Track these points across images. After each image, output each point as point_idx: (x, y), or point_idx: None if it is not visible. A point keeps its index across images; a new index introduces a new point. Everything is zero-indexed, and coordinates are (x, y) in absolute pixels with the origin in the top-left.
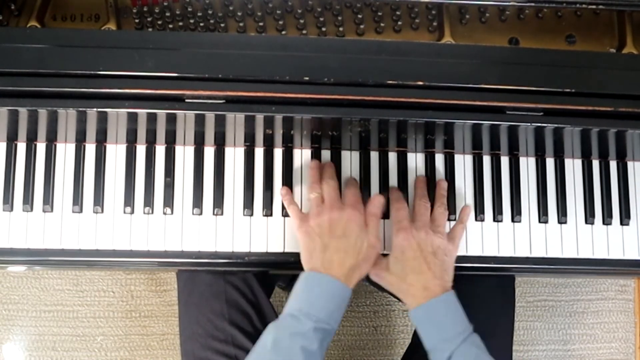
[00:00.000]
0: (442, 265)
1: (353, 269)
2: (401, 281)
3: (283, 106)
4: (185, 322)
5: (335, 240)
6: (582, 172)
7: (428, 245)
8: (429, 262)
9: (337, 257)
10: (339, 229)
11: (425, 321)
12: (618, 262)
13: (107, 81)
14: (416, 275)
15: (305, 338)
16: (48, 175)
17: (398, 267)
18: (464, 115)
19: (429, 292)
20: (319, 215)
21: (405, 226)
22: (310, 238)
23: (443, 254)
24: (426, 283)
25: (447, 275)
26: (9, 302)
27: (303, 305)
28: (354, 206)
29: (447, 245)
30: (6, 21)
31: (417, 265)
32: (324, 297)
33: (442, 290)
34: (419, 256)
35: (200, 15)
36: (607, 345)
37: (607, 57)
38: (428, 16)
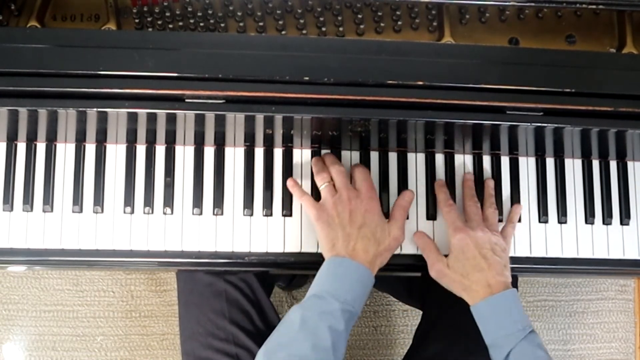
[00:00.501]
0: (501, 261)
1: (376, 257)
2: (464, 279)
3: (283, 106)
4: (185, 322)
5: (356, 230)
6: (582, 172)
7: (486, 243)
8: (488, 260)
9: (360, 245)
10: (359, 218)
11: (487, 316)
12: (618, 262)
13: (107, 81)
14: (478, 272)
15: (333, 317)
16: (48, 175)
17: (459, 265)
18: (464, 115)
19: (492, 288)
20: (338, 204)
21: (460, 226)
22: (331, 228)
23: (501, 251)
24: (489, 280)
25: (507, 271)
26: (9, 302)
27: (330, 287)
28: (370, 195)
29: (503, 243)
30: (6, 21)
31: (477, 263)
32: (349, 280)
33: (504, 286)
34: (477, 254)
35: (200, 15)
36: (607, 345)
37: (607, 57)
38: (428, 16)
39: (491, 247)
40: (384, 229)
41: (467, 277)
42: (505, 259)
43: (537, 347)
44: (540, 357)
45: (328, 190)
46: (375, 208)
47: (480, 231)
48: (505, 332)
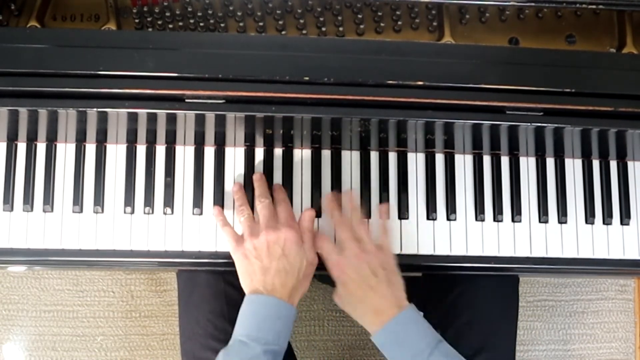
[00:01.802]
0: (386, 281)
1: (295, 289)
2: (354, 311)
3: (283, 106)
4: (185, 322)
5: (275, 262)
6: (582, 172)
7: (364, 269)
8: (372, 286)
9: (278, 279)
10: (277, 249)
11: (388, 345)
12: (618, 262)
13: (107, 81)
14: (363, 304)
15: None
16: (48, 175)
17: (347, 300)
18: (464, 115)
19: (384, 315)
20: (255, 236)
21: (335, 260)
22: (248, 261)
23: (381, 269)
24: (376, 307)
25: (396, 290)
26: (9, 302)
27: (251, 330)
28: (289, 224)
29: (382, 257)
30: (6, 21)
31: (362, 294)
32: (270, 319)
33: (396, 308)
34: (360, 283)
35: (200, 15)
36: (607, 345)
37: (607, 57)
38: (428, 16)
39: (371, 269)
40: (302, 257)
41: (356, 310)
42: (389, 274)
43: (448, 357)
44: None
45: (247, 222)
46: (294, 237)
47: (355, 258)
48: (410, 353)
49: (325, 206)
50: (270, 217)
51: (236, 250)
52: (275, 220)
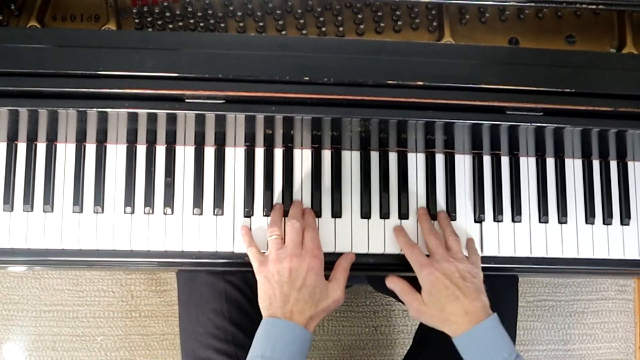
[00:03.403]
0: (475, 287)
1: (312, 318)
2: (440, 312)
3: (283, 106)
4: (185, 322)
5: (295, 292)
6: (583, 172)
7: (454, 272)
8: (461, 288)
9: (296, 308)
10: (299, 279)
11: (471, 348)
12: (618, 262)
13: (107, 81)
14: (453, 302)
15: None
16: (48, 175)
17: (433, 299)
18: (464, 115)
19: (472, 316)
20: (279, 261)
21: (425, 262)
22: (269, 284)
23: (471, 277)
24: (466, 308)
25: (483, 296)
26: (9, 302)
27: (265, 351)
28: (314, 254)
29: (473, 268)
30: (6, 21)
31: (451, 293)
32: (284, 341)
33: (484, 312)
34: (449, 285)
35: (200, 15)
36: (607, 345)
37: (607, 57)
38: (428, 16)
39: (460, 274)
40: (324, 291)
41: (444, 310)
42: (477, 284)
43: None
44: None
45: (274, 244)
46: (318, 268)
47: (446, 262)
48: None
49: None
50: (297, 242)
51: (259, 272)
52: (301, 247)
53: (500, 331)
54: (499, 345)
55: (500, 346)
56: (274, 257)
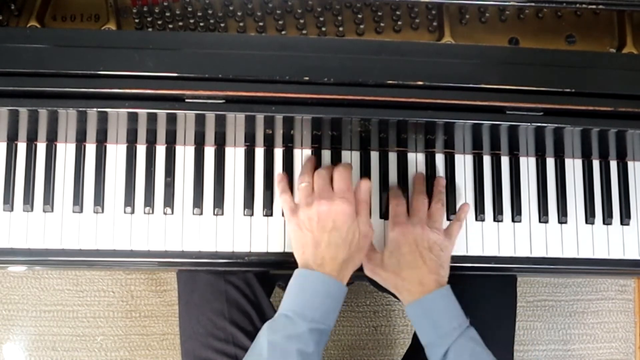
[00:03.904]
0: (438, 260)
1: (346, 262)
2: (396, 276)
3: (283, 106)
4: (185, 322)
5: (326, 235)
6: (583, 172)
7: (424, 241)
8: (424, 257)
9: (328, 252)
10: (329, 221)
11: (421, 316)
12: (618, 262)
13: (107, 81)
14: (411, 270)
15: (301, 340)
16: (48, 175)
17: (393, 261)
18: (464, 115)
19: (425, 287)
20: (308, 206)
21: (401, 221)
22: (300, 232)
23: (439, 250)
24: (422, 278)
25: (442, 270)
26: (9, 302)
27: (297, 306)
28: (344, 196)
29: (444, 241)
30: (6, 21)
31: (412, 260)
32: (318, 297)
33: (437, 285)
34: (414, 250)
35: (200, 15)
36: (607, 345)
37: (607, 57)
38: (428, 16)
39: (429, 245)
40: (354, 230)
41: (399, 274)
42: (443, 258)
43: (475, 342)
44: (478, 353)
45: (304, 191)
46: (348, 209)
47: (420, 228)
48: (441, 332)
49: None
50: (325, 187)
51: (290, 220)
52: (330, 191)
53: (451, 302)
54: (449, 315)
55: (451, 316)
56: (304, 203)
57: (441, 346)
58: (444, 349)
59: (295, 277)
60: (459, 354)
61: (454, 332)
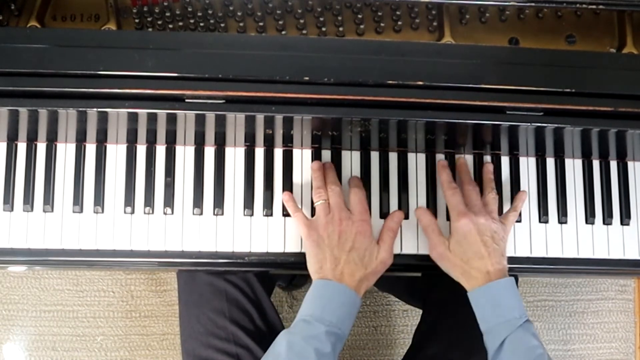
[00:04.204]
0: (500, 249)
1: (362, 281)
2: (464, 264)
3: (283, 106)
4: (186, 321)
5: (345, 254)
6: (583, 172)
7: (487, 230)
8: (488, 247)
9: (347, 269)
10: (349, 241)
11: (484, 303)
12: (618, 262)
13: (107, 81)
14: (478, 259)
15: (319, 340)
16: (48, 175)
17: (460, 250)
18: (464, 115)
19: (490, 275)
20: (328, 225)
21: (464, 211)
22: (320, 249)
23: (500, 239)
24: (488, 267)
25: (504, 259)
26: (9, 302)
27: (315, 311)
28: (363, 217)
29: (501, 230)
30: (6, 21)
31: (478, 250)
32: (335, 303)
33: (502, 274)
34: (478, 241)
35: (200, 15)
36: (607, 345)
37: (607, 57)
38: (428, 16)
39: (491, 234)
40: (372, 253)
41: (468, 263)
42: (503, 247)
43: (532, 335)
44: (534, 347)
45: (322, 209)
46: (367, 231)
47: (483, 218)
48: (502, 320)
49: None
50: (342, 206)
51: (308, 237)
52: (347, 211)
53: (514, 293)
54: (511, 305)
55: (513, 306)
56: (322, 222)
57: (500, 334)
58: (503, 337)
59: (314, 287)
60: (516, 344)
61: (514, 321)
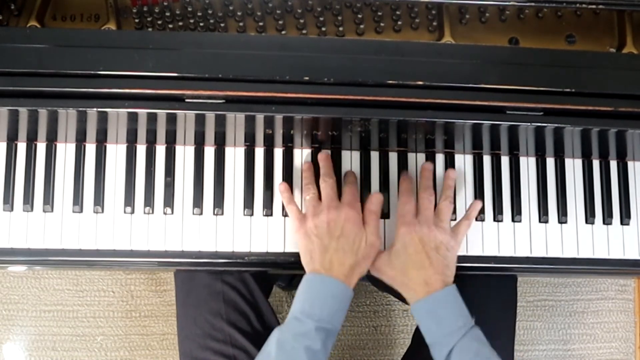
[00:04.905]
0: (444, 260)
1: (353, 268)
2: (402, 275)
3: (283, 106)
4: (183, 323)
5: (334, 241)
6: (583, 171)
7: (431, 241)
8: (430, 258)
9: (336, 257)
10: (337, 229)
11: (426, 316)
12: (618, 262)
13: (107, 81)
14: (417, 270)
15: (308, 338)
16: (48, 175)
17: (399, 261)
18: (464, 115)
19: (430, 287)
20: (316, 215)
21: (408, 221)
22: (309, 239)
23: (445, 250)
24: (427, 278)
25: (448, 270)
26: (9, 302)
27: (305, 307)
28: (351, 205)
29: (450, 241)
30: (6, 21)
31: (418, 260)
32: (324, 297)
33: (442, 285)
34: (420, 251)
35: (200, 15)
36: (607, 345)
37: (607, 57)
38: (428, 16)
39: (435, 245)
40: (362, 238)
41: (406, 274)
42: (449, 258)
43: (479, 342)
44: (482, 353)
45: (311, 202)
46: (356, 218)
47: (427, 228)
48: (446, 331)
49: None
50: (333, 196)
51: (299, 229)
52: (337, 200)
53: (456, 302)
54: (454, 315)
55: (456, 315)
56: (311, 212)
57: (445, 346)
58: (448, 349)
59: (304, 282)
60: (462, 353)
61: (458, 331)
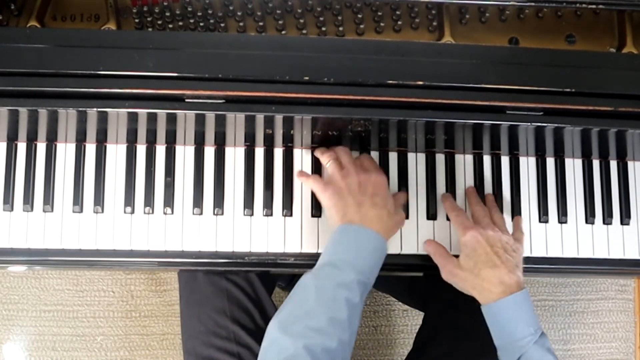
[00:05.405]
0: (513, 260)
1: (389, 229)
2: (475, 277)
3: (283, 106)
4: (187, 320)
5: (368, 198)
6: (583, 171)
7: (497, 241)
8: (500, 257)
9: (373, 212)
10: (369, 188)
11: (499, 318)
12: (618, 262)
13: (107, 81)
14: (490, 269)
15: (349, 289)
16: (48, 175)
17: (470, 263)
18: (464, 115)
19: (505, 286)
20: (346, 176)
21: (471, 225)
22: (341, 196)
23: (512, 250)
24: (501, 277)
25: (518, 270)
26: (9, 302)
27: (345, 256)
28: (378, 171)
29: (515, 243)
30: (6, 21)
31: (489, 260)
32: (365, 249)
33: (517, 285)
34: (489, 251)
35: (200, 15)
36: (607, 345)
37: (607, 57)
38: (428, 16)
39: (502, 245)
40: (391, 204)
41: (479, 275)
42: (517, 259)
43: (547, 351)
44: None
45: (335, 166)
46: (384, 182)
47: (491, 230)
48: (517, 337)
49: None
50: (354, 161)
51: (326, 190)
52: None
53: (529, 307)
54: (526, 320)
55: (528, 321)
56: (340, 175)
57: (515, 352)
58: (518, 355)
59: (342, 231)
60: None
61: (530, 338)
